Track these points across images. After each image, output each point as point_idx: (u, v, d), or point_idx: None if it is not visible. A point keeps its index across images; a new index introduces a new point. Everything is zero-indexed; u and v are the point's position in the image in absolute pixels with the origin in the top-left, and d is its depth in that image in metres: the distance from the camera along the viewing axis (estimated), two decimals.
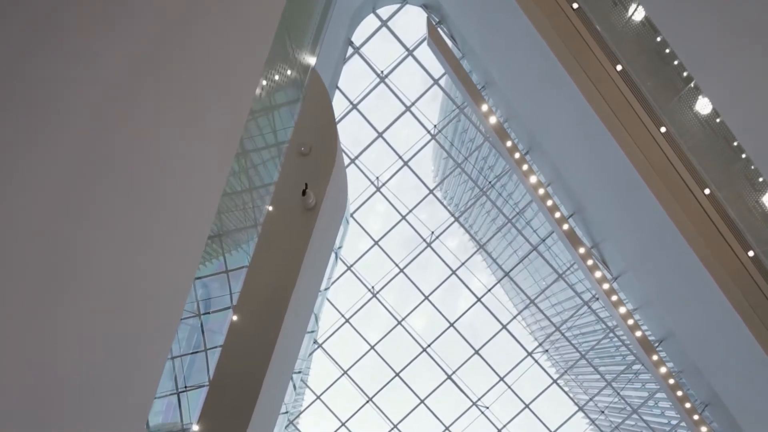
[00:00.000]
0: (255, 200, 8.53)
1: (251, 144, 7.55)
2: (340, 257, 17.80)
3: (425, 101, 20.78)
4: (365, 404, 18.71)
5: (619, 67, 13.26)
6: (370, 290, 18.19)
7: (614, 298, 14.29)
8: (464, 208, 21.76)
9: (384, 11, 16.99)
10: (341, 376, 18.59)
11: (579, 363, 24.32)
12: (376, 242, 17.91)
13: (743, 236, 13.22)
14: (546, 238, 18.40)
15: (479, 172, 20.50)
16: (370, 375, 20.34)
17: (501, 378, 18.96)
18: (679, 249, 13.51)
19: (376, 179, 17.26)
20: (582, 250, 13.87)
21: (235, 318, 8.30)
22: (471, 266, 20.31)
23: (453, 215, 18.29)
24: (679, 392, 14.27)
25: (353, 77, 18.07)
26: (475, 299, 18.95)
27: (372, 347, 18.60)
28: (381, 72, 17.00)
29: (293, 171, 8.23)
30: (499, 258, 27.82)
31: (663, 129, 13.15)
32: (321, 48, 10.66)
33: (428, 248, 18.77)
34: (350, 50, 17.22)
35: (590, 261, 13.93)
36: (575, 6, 12.90)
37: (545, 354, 27.09)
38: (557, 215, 13.90)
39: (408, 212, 17.47)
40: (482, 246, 18.91)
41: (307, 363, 17.95)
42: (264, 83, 6.82)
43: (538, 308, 19.49)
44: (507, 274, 19.08)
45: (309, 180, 8.19)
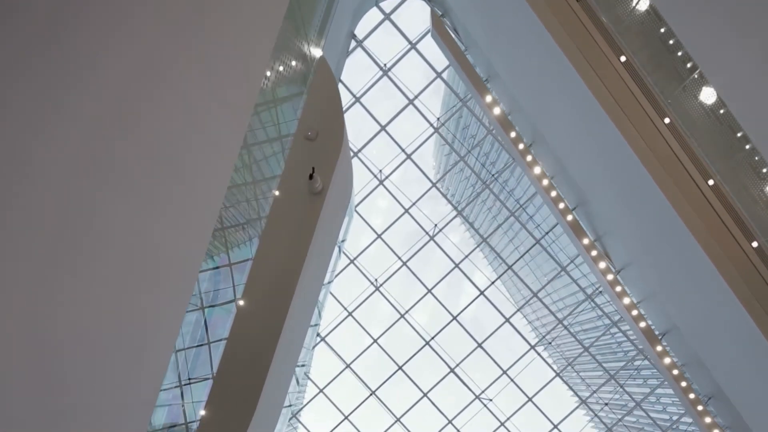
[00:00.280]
0: (261, 191, 8.52)
1: (256, 137, 7.54)
2: (344, 250, 17.80)
3: (427, 96, 20.78)
4: (368, 397, 18.71)
5: (623, 58, 13.26)
6: (373, 283, 18.19)
7: (618, 289, 14.29)
8: (467, 202, 21.76)
9: (387, 4, 17.00)
10: (344, 370, 18.60)
11: (579, 359, 24.34)
12: (379, 235, 17.91)
13: (747, 227, 13.22)
14: (549, 231, 18.40)
15: (483, 165, 20.51)
16: (372, 371, 20.35)
17: (504, 371, 18.96)
18: (683, 240, 13.50)
19: (379, 172, 17.26)
20: (586, 241, 13.87)
21: (242, 302, 8.30)
22: (471, 263, 20.33)
23: (455, 208, 18.29)
24: (683, 383, 14.28)
25: (356, 71, 18.09)
26: (478, 293, 18.94)
27: (375, 341, 18.60)
28: (384, 65, 17.00)
29: (299, 156, 8.23)
30: (500, 254, 27.80)
31: (667, 120, 13.16)
32: (326, 40, 10.67)
33: (430, 243, 18.78)
34: (353, 43, 17.22)
35: (594, 252, 13.93)
36: None
37: (545, 351, 27.11)
38: (561, 206, 13.90)
39: (411, 205, 17.48)
40: (485, 239, 18.90)
41: (310, 356, 17.96)
42: (269, 74, 6.80)
43: (541, 301, 19.48)
44: (510, 267, 19.08)
45: (315, 165, 8.19)
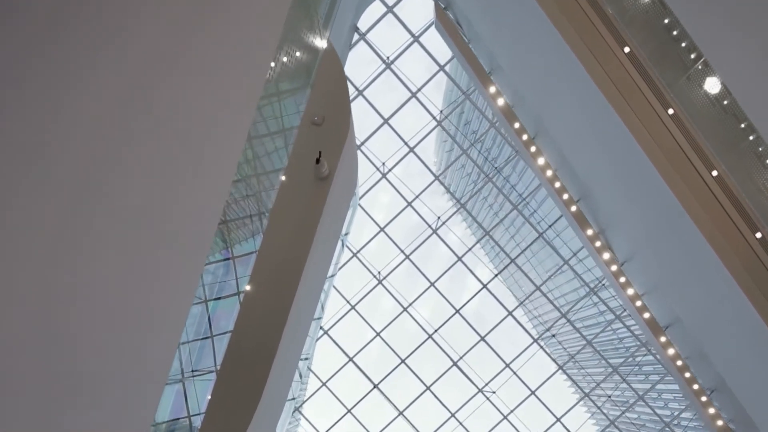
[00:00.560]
0: (268, 183, 8.50)
1: (263, 125, 7.52)
2: (347, 244, 17.79)
3: (428, 90, 20.72)
4: (371, 390, 18.72)
5: (627, 49, 13.26)
6: (376, 276, 18.20)
7: (622, 280, 14.29)
8: (469, 195, 21.76)
9: None
10: (347, 363, 18.61)
11: (580, 356, 24.35)
12: (382, 229, 17.92)
13: (751, 218, 13.21)
14: (553, 224, 18.41)
15: (485, 158, 20.50)
16: (373, 366, 20.36)
17: (507, 365, 18.97)
18: (687, 232, 13.50)
19: (382, 165, 17.27)
20: (590, 232, 13.87)
21: (248, 287, 8.30)
22: (473, 259, 20.33)
23: (458, 201, 18.30)
24: (687, 374, 14.29)
25: (358, 64, 18.10)
26: (481, 286, 18.96)
27: (378, 334, 18.62)
28: (387, 58, 17.01)
29: (306, 141, 8.22)
30: (500, 249, 27.80)
31: (671, 111, 13.15)
32: (330, 32, 10.66)
33: (432, 239, 18.78)
34: (356, 36, 17.23)
35: (598, 243, 13.94)
36: None
37: (547, 347, 27.11)
38: (565, 197, 13.90)
39: (415, 198, 17.49)
40: (488, 232, 18.91)
41: (312, 349, 17.95)
42: (273, 65, 6.76)
43: (543, 294, 19.49)
44: (513, 261, 19.08)
45: (322, 150, 8.18)
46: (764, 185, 12.27)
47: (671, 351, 14.36)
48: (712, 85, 11.57)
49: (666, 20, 12.49)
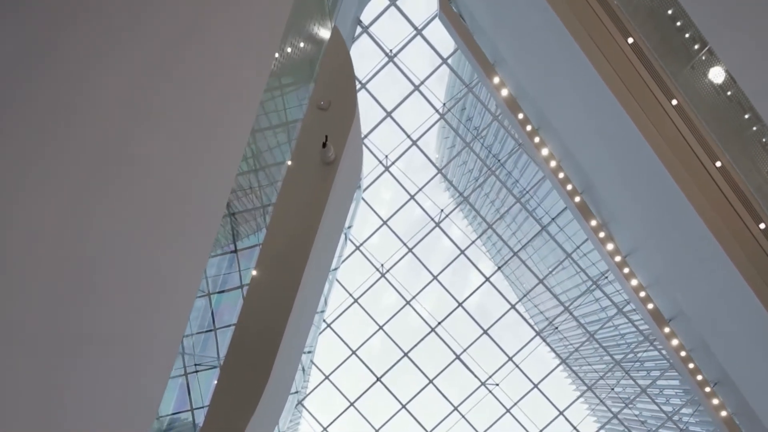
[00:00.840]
0: (271, 177, 8.48)
1: (266, 122, 7.49)
2: (350, 237, 17.80)
3: (430, 84, 20.70)
4: (374, 384, 18.72)
5: (631, 40, 13.26)
6: (378, 270, 18.20)
7: (626, 271, 14.29)
8: (472, 189, 21.76)
9: None
10: (350, 357, 18.60)
11: (581, 353, 24.34)
12: (385, 222, 17.91)
13: (755, 209, 13.21)
14: (555, 218, 18.41)
15: (489, 151, 20.49)
16: (375, 361, 20.37)
17: (510, 358, 18.97)
18: (690, 223, 13.49)
19: (385, 158, 17.25)
20: (594, 223, 13.87)
21: (254, 273, 8.29)
22: (474, 254, 20.33)
23: (461, 194, 18.29)
24: (691, 365, 14.28)
25: (361, 57, 18.08)
26: (482, 282, 18.95)
27: (381, 327, 18.61)
28: (390, 51, 17.00)
29: (312, 126, 8.21)
30: (501, 245, 27.82)
31: (675, 102, 13.15)
32: (333, 23, 10.64)
33: (433, 234, 18.80)
34: (359, 29, 17.22)
35: (602, 233, 13.93)
36: None
37: (544, 342, 27.10)
38: (569, 187, 13.89)
39: (418, 190, 17.48)
40: (491, 225, 18.91)
41: (315, 342, 17.95)
42: (277, 56, 6.74)
43: (547, 288, 19.50)
44: (515, 254, 19.08)
45: (328, 135, 8.16)
46: None
47: (675, 342, 14.35)
48: (717, 75, 11.56)
49: (670, 10, 12.49)
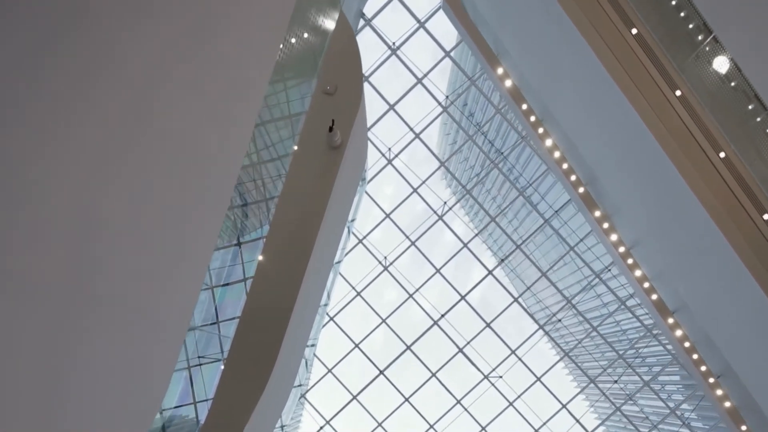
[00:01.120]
0: (276, 170, 8.45)
1: (271, 115, 7.46)
2: (353, 231, 17.79)
3: (432, 78, 20.67)
4: (377, 377, 18.72)
5: (635, 31, 13.26)
6: (381, 263, 18.20)
7: (630, 261, 14.28)
8: (475, 182, 21.76)
9: None
10: (353, 350, 18.61)
11: (582, 349, 24.34)
12: (388, 215, 17.92)
13: (759, 200, 13.20)
14: (558, 211, 18.41)
15: (490, 146, 20.49)
16: (377, 356, 20.38)
17: (513, 351, 18.97)
18: (694, 214, 13.48)
19: (388, 150, 17.25)
20: (598, 213, 13.86)
21: (260, 258, 8.28)
22: (475, 249, 20.34)
23: (464, 186, 18.28)
24: (695, 355, 14.28)
25: (363, 50, 18.04)
26: (486, 274, 18.95)
27: (384, 320, 18.61)
28: (393, 43, 16.99)
29: (318, 110, 8.20)
30: (501, 242, 27.84)
31: (678, 92, 13.14)
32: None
33: (435, 231, 18.79)
34: (361, 22, 17.21)
35: (606, 224, 13.93)
36: None
37: (545, 336, 27.09)
38: (573, 178, 13.89)
39: (421, 183, 17.48)
40: (494, 219, 18.91)
41: (318, 335, 17.93)
42: (282, 47, 6.69)
43: (548, 280, 19.50)
44: (518, 247, 19.08)
45: (334, 119, 8.16)
46: None
47: (679, 332, 14.35)
48: (721, 64, 11.55)
49: (674, 0, 12.49)
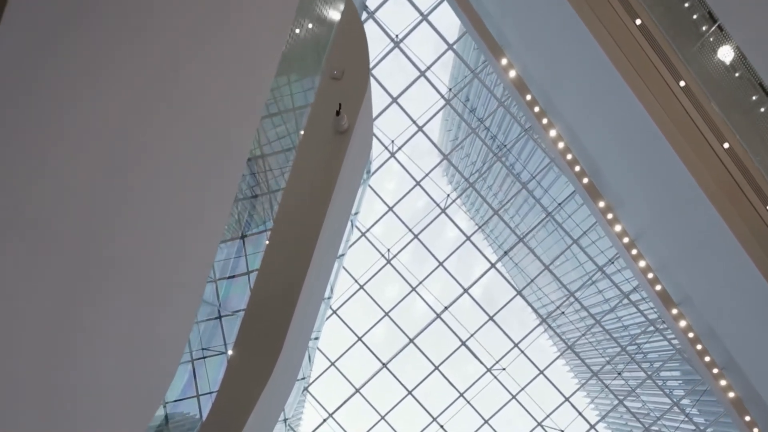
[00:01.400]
0: (283, 162, 8.42)
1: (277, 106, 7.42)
2: (356, 224, 17.79)
3: (434, 72, 20.66)
4: (380, 370, 18.74)
5: (639, 21, 13.26)
6: (384, 256, 18.20)
7: (634, 252, 14.29)
8: (478, 175, 21.76)
9: None
10: (355, 343, 18.62)
11: (583, 344, 24.37)
12: (391, 208, 17.92)
13: (763, 191, 13.21)
14: (561, 204, 18.42)
15: (492, 140, 20.49)
16: (379, 351, 20.40)
17: (516, 344, 19.00)
18: (698, 205, 13.48)
19: (391, 143, 17.25)
20: (602, 204, 13.87)
21: (267, 242, 8.27)
22: (477, 244, 20.33)
23: (467, 179, 18.28)
24: (699, 345, 14.30)
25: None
26: (488, 267, 18.96)
27: (386, 314, 18.62)
28: (396, 36, 16.99)
29: (325, 95, 8.18)
30: (502, 239, 27.85)
31: (682, 83, 13.14)
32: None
33: (437, 227, 18.79)
34: (364, 15, 17.19)
35: (610, 215, 13.94)
36: None
37: (545, 333, 27.11)
38: (577, 169, 13.90)
39: (425, 176, 17.49)
40: (497, 212, 18.92)
41: (321, 328, 17.93)
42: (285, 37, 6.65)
43: (552, 273, 19.52)
44: (521, 240, 19.09)
45: (341, 103, 8.14)
46: None
47: (683, 323, 14.37)
48: (726, 54, 11.56)
49: None
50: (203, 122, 5.09)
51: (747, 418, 14.59)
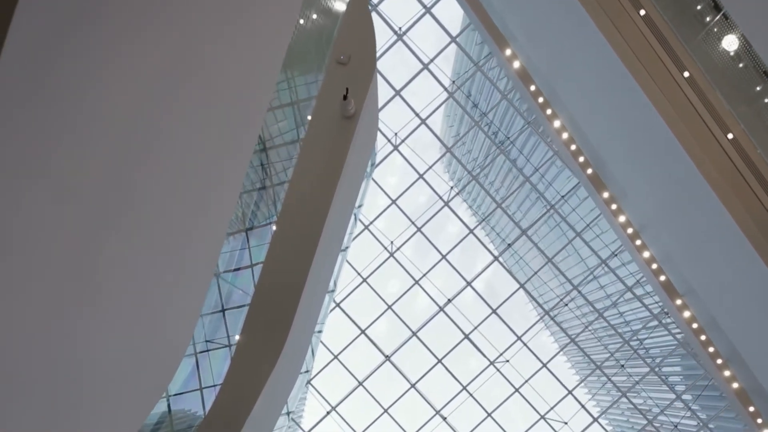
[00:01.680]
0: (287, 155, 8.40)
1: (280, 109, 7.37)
2: (360, 218, 17.78)
3: (437, 65, 20.60)
4: (383, 363, 18.75)
5: (643, 12, 13.25)
6: (387, 249, 18.20)
7: (638, 243, 14.29)
8: (481, 168, 21.75)
9: None
10: (359, 336, 18.62)
11: (584, 339, 24.38)
12: (394, 201, 17.92)
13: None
14: (564, 197, 18.42)
15: (495, 134, 20.48)
16: (382, 343, 20.40)
17: (519, 337, 19.01)
18: (703, 197, 13.46)
19: (394, 136, 17.24)
20: (606, 195, 13.87)
21: (274, 228, 8.26)
22: (476, 244, 20.33)
23: (470, 172, 18.28)
24: (703, 336, 14.30)
25: None
26: (491, 260, 18.98)
27: (389, 306, 18.63)
28: (399, 29, 16.97)
29: (331, 80, 8.17)
30: (504, 235, 27.82)
31: (686, 74, 13.13)
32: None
33: (438, 223, 18.77)
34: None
35: (614, 205, 13.94)
36: None
37: (548, 331, 27.11)
38: (581, 159, 13.90)
39: (428, 168, 17.48)
40: (500, 205, 18.92)
41: (324, 320, 17.93)
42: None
43: (555, 266, 19.52)
44: (524, 232, 19.09)
45: (348, 88, 8.12)
46: None
47: (687, 314, 14.37)
48: (731, 43, 11.54)
49: None
50: (209, 120, 5.06)
51: (751, 409, 14.61)
